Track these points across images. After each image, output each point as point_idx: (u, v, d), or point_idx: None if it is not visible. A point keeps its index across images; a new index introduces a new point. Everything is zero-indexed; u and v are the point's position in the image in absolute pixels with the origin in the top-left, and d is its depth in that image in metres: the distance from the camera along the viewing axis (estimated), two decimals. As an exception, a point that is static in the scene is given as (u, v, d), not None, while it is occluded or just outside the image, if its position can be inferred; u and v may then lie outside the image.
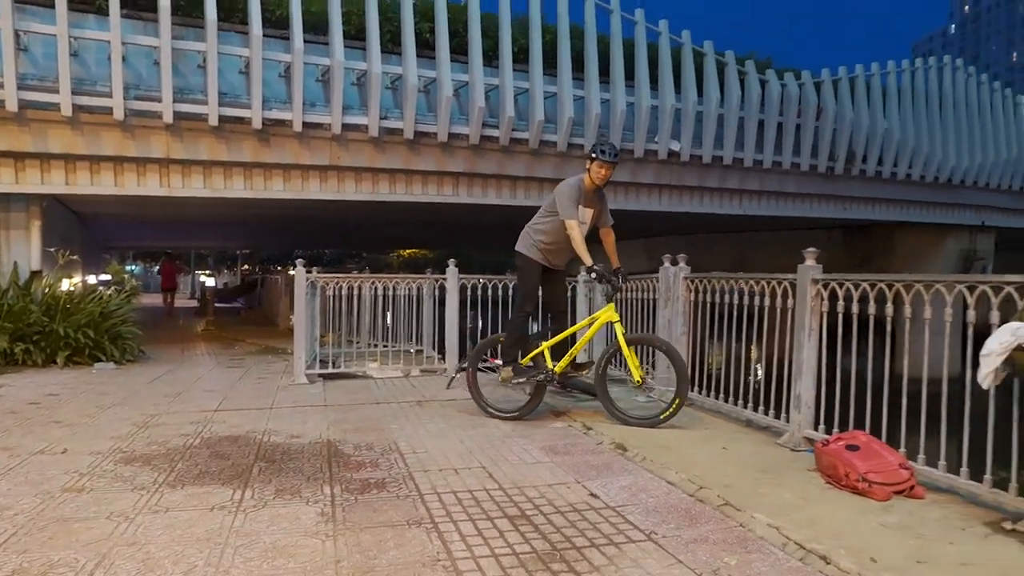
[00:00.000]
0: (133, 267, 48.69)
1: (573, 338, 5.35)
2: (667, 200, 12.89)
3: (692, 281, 5.66)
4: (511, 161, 11.06)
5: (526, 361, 5.24)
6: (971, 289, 3.21)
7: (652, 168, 12.29)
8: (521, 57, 10.77)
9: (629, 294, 6.85)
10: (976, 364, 2.94)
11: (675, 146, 12.07)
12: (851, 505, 3.19)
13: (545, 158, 11.25)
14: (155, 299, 23.30)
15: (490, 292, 7.66)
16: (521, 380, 5.19)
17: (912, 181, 15.18)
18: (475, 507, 3.21)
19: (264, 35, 8.94)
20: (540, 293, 5.44)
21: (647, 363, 5.84)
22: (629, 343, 5.01)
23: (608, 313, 5.11)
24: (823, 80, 13.79)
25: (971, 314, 3.19)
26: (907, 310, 3.54)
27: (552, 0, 10.92)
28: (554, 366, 5.18)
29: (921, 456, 3.48)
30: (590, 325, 5.41)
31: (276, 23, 9.61)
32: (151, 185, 9.22)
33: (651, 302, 6.27)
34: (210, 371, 8.03)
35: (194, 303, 25.54)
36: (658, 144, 11.92)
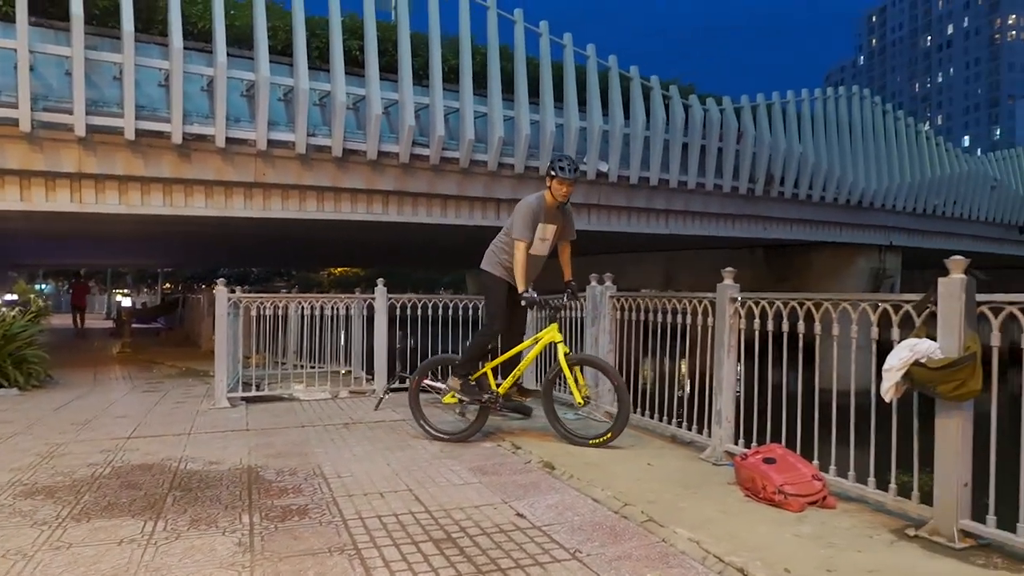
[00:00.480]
0: (44, 286, 46.06)
1: (517, 358, 5.24)
2: (596, 220, 13.12)
3: (618, 299, 5.77)
4: (441, 180, 11.05)
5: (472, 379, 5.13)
6: (874, 307, 3.38)
7: (581, 188, 12.46)
8: (452, 77, 10.81)
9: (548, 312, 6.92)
10: (881, 378, 3.09)
11: (603, 167, 12.33)
12: (768, 517, 3.29)
13: (476, 177, 11.29)
14: (66, 319, 22.12)
15: (420, 312, 7.60)
16: (466, 400, 5.10)
17: (826, 203, 15.95)
18: (400, 532, 3.15)
19: (186, 47, 8.67)
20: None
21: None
22: (571, 364, 4.94)
23: (551, 333, 5.01)
24: (743, 106, 14.38)
25: (874, 331, 3.36)
26: (817, 327, 3.70)
27: (482, 21, 11.04)
28: (498, 387, 5.08)
29: (832, 467, 3.63)
30: (534, 345, 5.27)
31: (199, 36, 9.36)
32: (61, 201, 8.76)
33: (579, 320, 6.35)
34: (124, 396, 7.66)
35: (110, 324, 24.36)
36: (587, 165, 12.14)
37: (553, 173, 4.86)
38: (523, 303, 4.88)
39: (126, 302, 32.34)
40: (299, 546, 2.96)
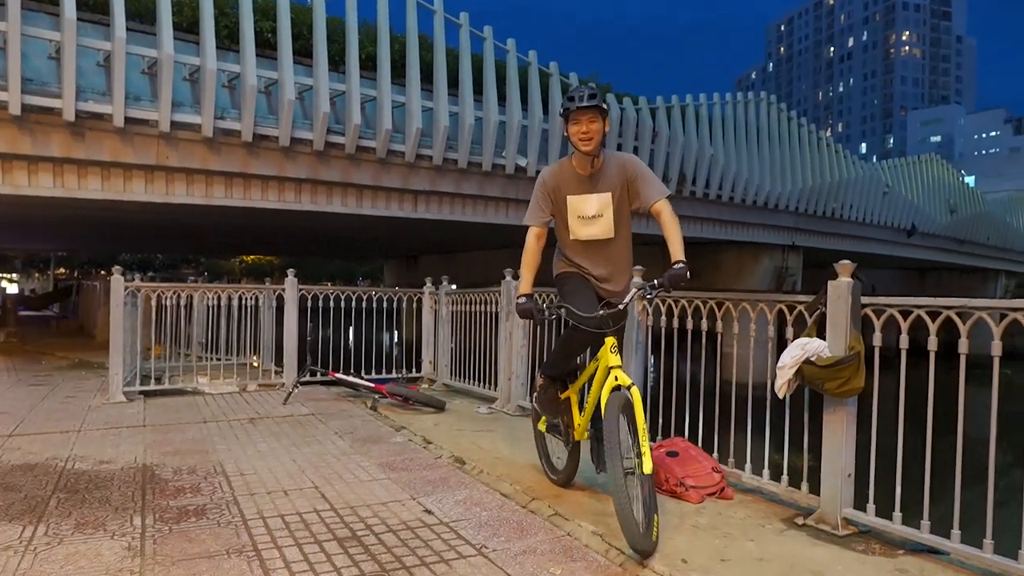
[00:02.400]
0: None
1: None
2: (513, 214, 13.19)
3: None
4: (357, 169, 10.82)
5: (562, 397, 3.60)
6: (771, 306, 3.55)
7: (499, 182, 12.52)
8: (369, 65, 10.59)
9: (466, 307, 6.92)
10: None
11: (522, 161, 12.39)
12: (670, 509, 3.39)
13: (393, 167, 11.12)
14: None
15: (332, 304, 7.43)
16: (538, 409, 3.72)
17: (734, 203, 16.61)
18: (303, 531, 3.07)
19: (80, 19, 8.11)
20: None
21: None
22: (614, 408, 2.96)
23: (605, 354, 3.18)
24: (658, 107, 14.76)
25: (771, 329, 3.53)
26: (719, 324, 3.85)
27: (401, 9, 10.86)
28: (575, 426, 3.55)
29: (731, 459, 3.79)
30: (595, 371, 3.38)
31: (95, 7, 8.78)
32: (-65, 178, 8.08)
33: (493, 315, 6.37)
34: (7, 390, 7.14)
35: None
36: (505, 158, 12.17)
37: (563, 111, 3.24)
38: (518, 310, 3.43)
39: (11, 289, 30.18)
40: (194, 549, 2.84)
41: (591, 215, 3.35)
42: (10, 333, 13.59)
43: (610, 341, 3.16)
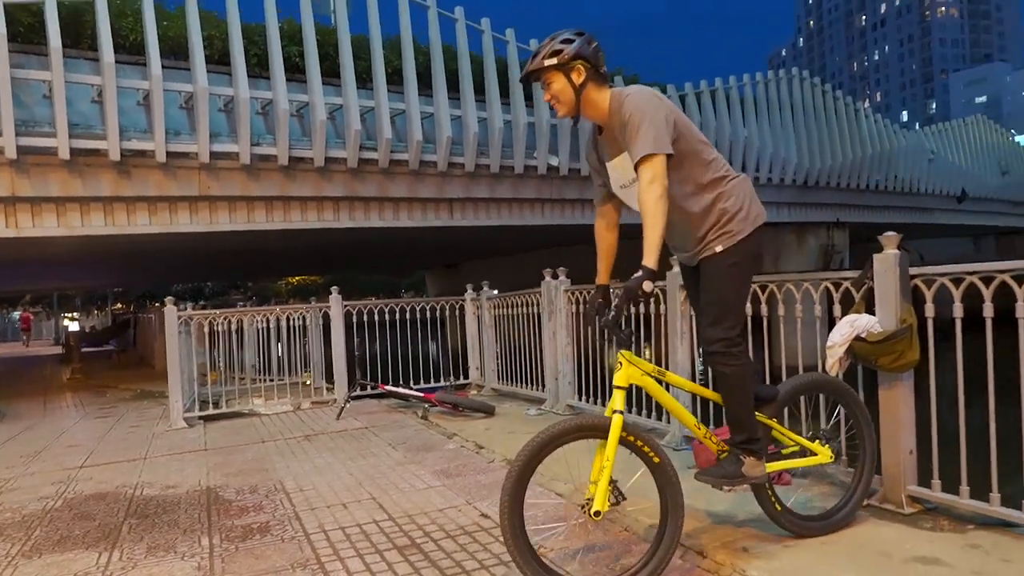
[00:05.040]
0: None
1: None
2: (549, 214, 13.18)
3: (573, 293, 5.80)
4: (392, 183, 10.96)
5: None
6: (815, 285, 3.47)
7: (533, 183, 12.52)
8: (395, 78, 10.72)
9: (506, 310, 6.94)
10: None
11: (554, 161, 12.37)
12: (726, 498, 3.34)
13: (426, 178, 11.22)
14: (12, 348, 21.36)
15: (377, 317, 7.55)
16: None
17: (773, 184, 16.28)
18: (364, 541, 3.13)
19: (118, 62, 8.42)
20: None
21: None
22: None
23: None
24: (687, 93, 14.58)
25: (817, 309, 3.45)
26: (763, 308, 3.78)
27: (423, 21, 10.97)
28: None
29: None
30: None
31: (131, 48, 9.10)
32: (-4, 226, 8.46)
33: (536, 316, 6.37)
34: (76, 423, 7.44)
35: (59, 350, 23.61)
36: (537, 159, 12.17)
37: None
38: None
39: (73, 327, 31.39)
40: (260, 565, 2.92)
41: (622, 184, 2.68)
42: (75, 369, 14.12)
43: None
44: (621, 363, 2.57)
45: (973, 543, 2.65)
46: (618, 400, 2.50)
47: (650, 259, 2.38)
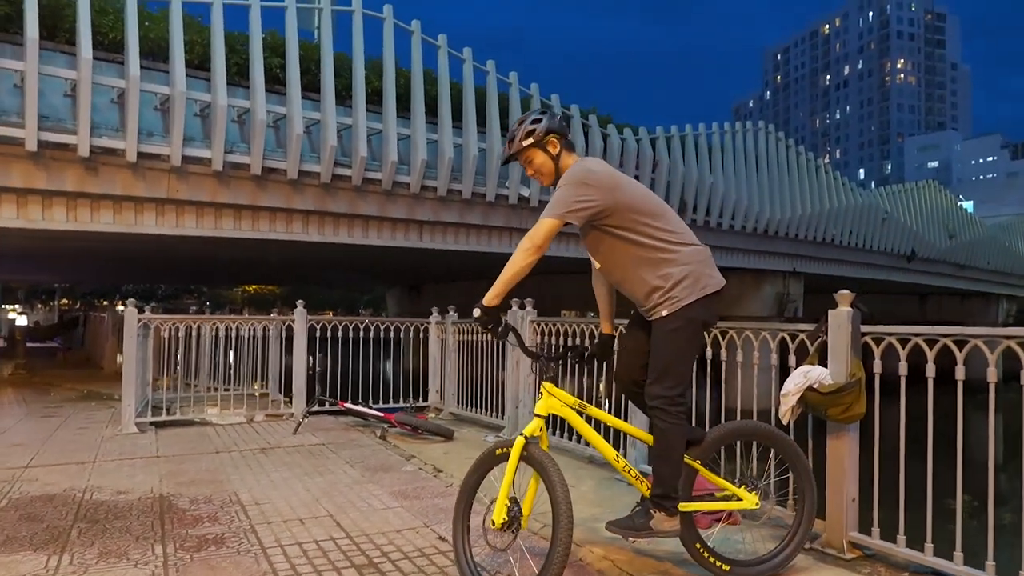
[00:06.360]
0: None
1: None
2: (517, 243, 13.29)
3: (538, 324, 5.91)
4: (363, 201, 11.01)
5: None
6: (773, 335, 3.65)
7: (503, 212, 12.70)
8: (375, 99, 10.83)
9: (470, 336, 7.02)
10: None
11: (524, 191, 12.57)
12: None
13: (398, 199, 11.31)
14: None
15: (339, 334, 7.55)
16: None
17: (735, 231, 16.77)
18: (321, 558, 3.15)
19: (96, 58, 8.35)
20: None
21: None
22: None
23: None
24: (657, 136, 15.01)
25: (773, 357, 3.63)
26: (723, 353, 3.94)
27: (406, 45, 11.13)
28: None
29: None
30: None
31: (109, 46, 9.03)
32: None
33: (500, 344, 6.45)
34: (19, 422, 7.22)
35: (1, 343, 22.75)
36: (508, 189, 12.35)
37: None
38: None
39: (20, 320, 30.30)
40: (216, 576, 2.91)
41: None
42: (18, 364, 13.67)
43: None
44: (542, 394, 2.86)
45: (906, 589, 2.81)
46: (532, 426, 2.78)
47: (488, 296, 2.77)
